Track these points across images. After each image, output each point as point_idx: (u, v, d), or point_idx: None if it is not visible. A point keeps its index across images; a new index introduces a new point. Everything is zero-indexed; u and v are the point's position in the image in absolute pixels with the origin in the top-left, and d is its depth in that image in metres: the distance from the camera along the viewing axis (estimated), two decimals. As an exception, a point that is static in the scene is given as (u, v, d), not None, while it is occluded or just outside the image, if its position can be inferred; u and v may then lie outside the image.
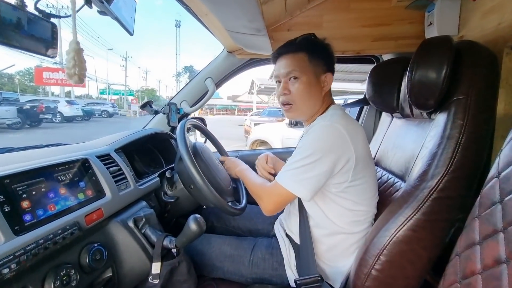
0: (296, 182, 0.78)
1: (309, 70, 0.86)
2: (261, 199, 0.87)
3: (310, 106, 0.89)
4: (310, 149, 0.78)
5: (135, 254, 0.75)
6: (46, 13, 0.50)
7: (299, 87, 0.86)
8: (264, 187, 0.88)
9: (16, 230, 0.51)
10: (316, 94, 0.88)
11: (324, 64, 0.88)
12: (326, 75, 0.88)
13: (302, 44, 0.88)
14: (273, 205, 0.84)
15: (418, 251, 0.74)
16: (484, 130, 0.73)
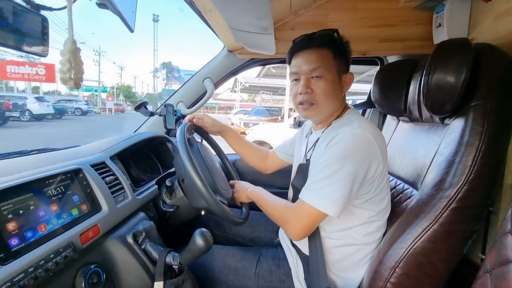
0: (330, 201, 0.71)
1: (334, 68, 0.80)
2: (287, 224, 0.78)
3: (331, 107, 0.84)
4: (343, 162, 0.71)
5: (135, 273, 0.68)
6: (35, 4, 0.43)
7: (324, 86, 0.80)
8: (289, 209, 0.79)
9: (1, 258, 0.44)
10: (338, 94, 0.83)
11: (345, 63, 0.84)
12: (347, 75, 0.84)
13: (326, 39, 0.81)
14: (303, 229, 0.76)
15: (435, 263, 0.71)
16: (504, 136, 0.71)
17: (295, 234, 0.77)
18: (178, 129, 0.89)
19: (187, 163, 0.77)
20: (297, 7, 1.15)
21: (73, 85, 0.47)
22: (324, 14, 1.16)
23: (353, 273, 0.84)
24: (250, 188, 0.97)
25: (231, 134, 1.15)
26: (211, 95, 1.32)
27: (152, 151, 1.20)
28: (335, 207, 0.71)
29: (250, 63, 1.34)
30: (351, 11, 1.15)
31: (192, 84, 1.33)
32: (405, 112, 1.03)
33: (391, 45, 1.18)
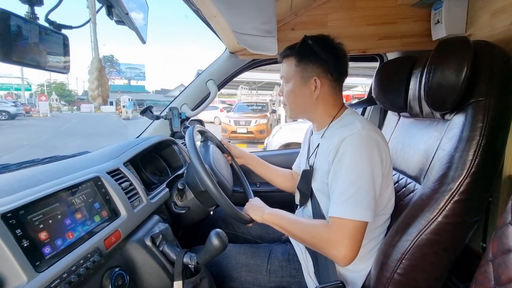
0: (364, 207, 0.70)
1: (296, 75, 0.88)
2: (332, 247, 0.71)
3: (301, 108, 0.91)
4: (360, 166, 0.73)
5: (155, 274, 0.71)
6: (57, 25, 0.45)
7: (287, 90, 0.90)
8: (328, 231, 0.73)
9: (37, 266, 0.46)
10: (305, 97, 0.88)
11: (316, 67, 0.85)
12: (315, 78, 0.85)
13: (291, 49, 0.89)
14: (354, 247, 0.70)
15: (439, 253, 0.75)
16: (502, 131, 0.74)
17: (348, 257, 0.70)
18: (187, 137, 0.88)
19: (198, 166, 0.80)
20: (298, 7, 1.16)
21: (101, 101, 0.50)
22: (324, 13, 1.18)
23: (360, 266, 0.87)
24: (267, 211, 0.90)
25: (254, 162, 1.24)
26: (214, 97, 1.34)
27: (160, 154, 1.22)
28: (370, 212, 0.71)
29: (252, 64, 1.36)
30: (350, 10, 1.17)
31: (195, 86, 1.35)
32: (405, 108, 1.05)
33: (391, 42, 1.20)
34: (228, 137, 8.18)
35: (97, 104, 0.50)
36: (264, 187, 1.50)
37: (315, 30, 1.21)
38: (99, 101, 0.50)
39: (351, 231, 0.70)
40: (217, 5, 0.72)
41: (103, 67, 0.49)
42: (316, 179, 0.89)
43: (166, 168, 1.19)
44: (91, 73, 0.48)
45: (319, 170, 0.88)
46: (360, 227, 0.71)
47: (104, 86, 0.49)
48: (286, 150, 1.79)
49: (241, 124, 8.43)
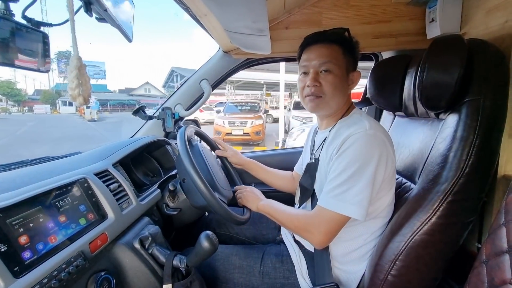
0: (354, 203, 0.71)
1: (343, 65, 0.83)
2: (309, 232, 0.78)
3: (338, 102, 0.86)
4: (360, 164, 0.72)
5: (144, 277, 0.70)
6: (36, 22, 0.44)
7: (332, 80, 0.82)
8: (308, 217, 0.79)
9: (16, 272, 0.45)
10: (344, 90, 0.85)
11: (353, 62, 0.86)
12: (354, 73, 0.86)
13: (337, 37, 0.84)
14: (326, 235, 0.75)
15: (434, 254, 0.74)
16: (497, 130, 0.73)
17: (318, 241, 0.76)
18: (178, 131, 0.91)
19: (187, 162, 0.79)
20: (291, 6, 1.15)
21: (82, 101, 0.48)
22: (318, 12, 1.17)
23: (355, 267, 0.86)
24: (263, 201, 0.96)
25: (253, 166, 1.23)
26: (208, 97, 1.32)
27: (152, 155, 1.21)
28: (360, 210, 0.71)
29: (246, 63, 1.35)
30: (344, 9, 1.15)
31: (189, 86, 1.33)
32: (400, 107, 1.04)
33: (386, 41, 1.19)
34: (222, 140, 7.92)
35: (78, 104, 0.49)
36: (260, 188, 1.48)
37: (309, 29, 1.19)
38: (80, 100, 0.48)
39: (330, 221, 0.74)
40: (207, 3, 0.71)
41: (83, 65, 0.47)
42: (318, 175, 0.87)
43: (159, 169, 1.18)
44: (70, 72, 0.46)
45: (323, 163, 0.86)
46: (341, 220, 0.74)
47: (85, 85, 0.47)
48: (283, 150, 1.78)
49: (236, 125, 7.88)
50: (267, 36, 0.95)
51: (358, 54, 0.88)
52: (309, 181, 0.91)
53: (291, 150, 1.67)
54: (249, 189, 1.05)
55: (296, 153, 1.56)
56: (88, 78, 0.48)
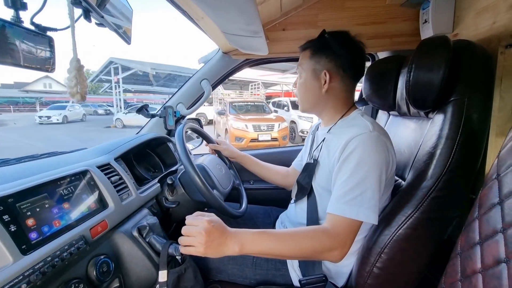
0: (369, 208, 0.70)
1: (308, 67, 0.88)
2: (332, 251, 0.69)
3: (310, 102, 0.91)
4: (368, 166, 0.72)
5: (141, 263, 0.75)
6: (42, 27, 0.49)
7: (299, 82, 0.91)
8: (327, 233, 0.70)
9: (24, 249, 0.51)
10: (313, 91, 0.88)
11: (328, 61, 0.84)
12: (325, 72, 0.84)
13: (308, 42, 0.90)
14: (349, 246, 0.71)
15: (418, 248, 0.76)
16: (481, 129, 0.75)
17: (342, 255, 0.71)
18: (177, 128, 0.96)
19: (184, 158, 0.84)
20: (288, 8, 1.19)
21: (79, 98, 0.54)
22: (314, 14, 1.20)
23: (347, 261, 0.88)
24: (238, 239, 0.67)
25: (247, 160, 1.26)
26: (208, 96, 1.37)
27: (154, 151, 1.27)
28: (374, 214, 0.71)
29: (245, 63, 1.39)
30: (339, 10, 1.18)
31: (190, 85, 1.38)
32: (394, 107, 1.06)
33: (381, 42, 1.21)
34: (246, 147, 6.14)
35: (75, 100, 0.54)
36: (258, 185, 1.52)
37: (306, 31, 1.24)
38: (78, 97, 0.54)
39: (353, 230, 0.72)
40: (202, 7, 0.75)
41: (82, 66, 0.53)
42: (319, 174, 0.88)
43: (160, 164, 1.23)
44: (70, 72, 0.52)
45: (323, 165, 0.87)
46: (358, 226, 0.72)
47: (83, 83, 0.53)
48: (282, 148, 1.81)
49: (262, 129, 6.44)
50: (262, 37, 0.99)
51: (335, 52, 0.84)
52: (306, 179, 0.93)
53: (289, 148, 1.71)
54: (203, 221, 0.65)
55: (294, 151, 1.59)
56: (85, 77, 0.54)
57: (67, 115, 15.44)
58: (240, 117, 7.06)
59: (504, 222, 0.51)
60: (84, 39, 26.53)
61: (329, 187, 0.81)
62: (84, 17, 0.51)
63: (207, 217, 0.67)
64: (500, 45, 0.79)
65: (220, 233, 0.65)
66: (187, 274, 0.79)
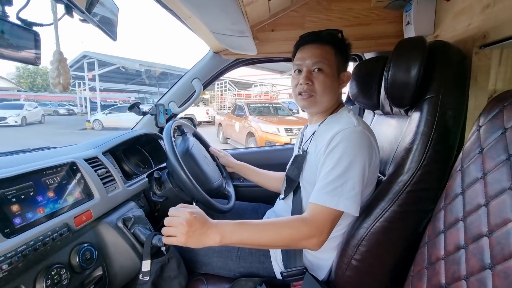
0: (350, 199, 0.72)
1: (334, 65, 0.87)
2: (311, 238, 0.71)
3: (328, 100, 0.89)
4: (351, 159, 0.74)
5: (125, 253, 0.77)
6: (28, 22, 0.52)
7: (323, 79, 0.85)
8: (306, 221, 0.72)
9: (7, 233, 0.53)
10: (335, 89, 0.89)
11: (345, 62, 0.90)
12: (345, 73, 0.90)
13: (330, 37, 0.88)
14: (327, 234, 0.73)
15: (394, 240, 0.79)
16: (454, 126, 0.78)
17: (320, 243, 0.73)
18: (165, 126, 0.99)
19: (170, 153, 0.87)
20: (276, 10, 1.22)
21: (61, 88, 0.57)
22: (302, 15, 1.24)
23: (328, 255, 0.90)
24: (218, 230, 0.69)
25: (244, 170, 1.28)
26: (199, 94, 1.40)
27: (145, 148, 1.29)
28: (356, 205, 0.73)
29: (235, 63, 1.42)
30: (326, 12, 1.22)
31: (182, 84, 1.41)
32: (378, 106, 1.10)
33: (366, 43, 1.24)
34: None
35: (58, 90, 0.57)
36: (248, 183, 1.54)
37: (294, 31, 1.27)
38: (60, 88, 0.57)
39: (331, 219, 0.73)
40: (187, 6, 0.78)
41: (64, 59, 0.56)
42: (306, 167, 0.91)
43: (150, 161, 1.26)
44: (52, 64, 0.55)
45: (310, 158, 0.90)
46: (337, 216, 0.74)
47: (65, 75, 0.56)
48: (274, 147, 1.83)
49: (294, 133, 5.78)
50: (249, 37, 1.02)
51: (349, 55, 0.92)
52: (295, 172, 0.94)
53: (282, 147, 1.73)
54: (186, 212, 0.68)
55: (287, 149, 1.62)
56: (68, 69, 0.57)
57: (26, 116, 12.82)
58: (268, 119, 6.51)
59: (465, 210, 0.54)
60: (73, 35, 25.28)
61: (315, 181, 0.83)
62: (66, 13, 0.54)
63: (190, 209, 0.70)
64: (475, 45, 0.82)
65: (201, 224, 0.68)
66: (171, 264, 0.81)
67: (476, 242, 0.49)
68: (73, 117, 19.47)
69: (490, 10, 0.78)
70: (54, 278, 0.58)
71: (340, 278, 0.83)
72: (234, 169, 1.29)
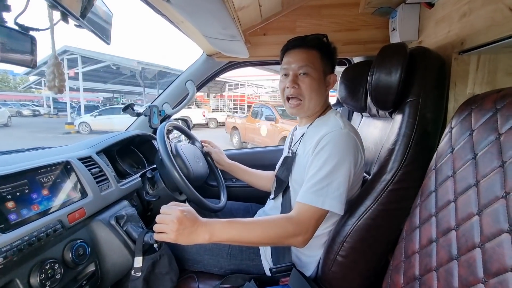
0: (335, 198, 0.76)
1: (320, 68, 0.90)
2: (296, 236, 0.74)
3: (316, 103, 0.92)
4: (337, 160, 0.77)
5: (117, 249, 0.79)
6: (25, 27, 0.55)
7: (309, 82, 0.88)
8: (291, 220, 0.76)
9: (2, 228, 0.55)
10: (321, 92, 0.92)
11: (331, 65, 0.94)
12: (331, 75, 0.93)
13: (315, 42, 0.91)
14: (312, 233, 0.77)
15: (376, 237, 0.82)
16: (434, 127, 0.82)
17: (305, 241, 0.76)
18: (159, 127, 1.02)
19: (163, 154, 0.90)
20: (268, 14, 1.26)
21: (57, 91, 0.59)
22: (293, 20, 1.28)
23: (315, 252, 0.94)
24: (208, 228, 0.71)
25: (235, 169, 1.30)
26: (192, 96, 1.43)
27: (139, 148, 1.32)
28: (340, 204, 0.76)
29: (228, 66, 1.45)
30: (316, 17, 1.26)
31: (175, 86, 1.44)
32: (366, 109, 1.14)
33: (355, 48, 1.29)
34: None
35: (53, 92, 0.60)
36: (240, 183, 1.57)
37: (285, 35, 1.30)
38: (55, 90, 0.60)
39: (316, 218, 0.76)
40: (179, 12, 0.82)
41: (60, 63, 0.59)
42: (295, 168, 0.94)
43: (144, 161, 1.28)
44: (48, 67, 0.58)
45: (299, 159, 0.93)
46: (322, 215, 0.77)
47: (60, 77, 0.59)
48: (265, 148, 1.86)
49: None
50: (241, 41, 1.06)
51: (335, 58, 0.95)
52: (285, 173, 0.97)
53: (272, 148, 1.76)
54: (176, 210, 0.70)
55: (277, 151, 1.65)
56: (62, 72, 0.60)
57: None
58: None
59: (437, 206, 0.57)
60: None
61: (303, 181, 0.86)
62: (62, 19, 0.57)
63: (181, 207, 0.72)
64: (454, 51, 0.86)
65: (191, 222, 0.70)
66: (162, 260, 0.84)
67: (446, 235, 0.52)
68: (39, 119, 17.29)
69: (467, 19, 0.83)
70: (48, 272, 0.60)
71: (326, 274, 0.87)
72: (225, 168, 1.31)
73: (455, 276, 0.47)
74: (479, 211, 0.46)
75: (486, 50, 0.77)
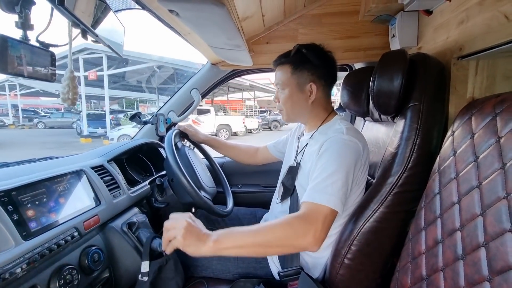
0: (338, 197, 0.77)
1: (292, 82, 0.94)
2: (305, 236, 0.72)
3: (297, 113, 0.98)
4: (338, 163, 0.81)
5: (130, 255, 0.81)
6: (46, 44, 0.58)
7: (284, 96, 0.96)
8: (299, 219, 0.75)
9: (24, 236, 0.58)
10: (300, 102, 0.95)
11: (311, 74, 0.93)
12: (311, 84, 0.93)
13: (285, 58, 0.95)
14: (324, 231, 0.74)
15: (382, 239, 0.84)
16: (436, 131, 0.84)
17: (317, 241, 0.72)
18: (166, 134, 1.05)
19: (172, 162, 0.92)
20: (270, 24, 1.30)
21: (70, 103, 0.63)
22: (294, 29, 1.31)
23: (323, 253, 0.95)
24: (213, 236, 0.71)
25: (215, 143, 1.33)
26: (197, 104, 1.46)
27: (146, 156, 1.34)
28: (341, 204, 0.78)
29: (232, 74, 1.49)
30: (317, 26, 1.30)
31: (181, 95, 1.48)
32: (368, 114, 1.16)
33: (355, 54, 1.32)
34: None
35: (66, 105, 0.63)
36: (246, 188, 1.59)
37: (288, 44, 1.35)
38: (69, 102, 0.63)
39: (324, 216, 0.75)
40: (188, 25, 0.85)
41: (75, 77, 0.63)
42: (300, 175, 0.97)
43: (151, 168, 1.31)
44: (63, 81, 0.61)
45: (304, 167, 0.96)
46: (331, 214, 0.76)
47: (74, 90, 0.62)
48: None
49: None
50: (245, 50, 1.09)
51: (314, 65, 0.92)
52: (290, 181, 1.00)
53: None
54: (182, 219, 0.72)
55: None
56: (76, 85, 0.63)
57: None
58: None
59: (442, 208, 0.60)
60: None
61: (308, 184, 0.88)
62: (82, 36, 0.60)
63: (188, 217, 0.74)
64: (453, 57, 0.89)
65: (197, 231, 0.71)
66: (168, 265, 0.86)
67: (451, 236, 0.54)
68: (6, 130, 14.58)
69: (465, 26, 0.85)
70: (66, 278, 0.62)
71: (334, 276, 0.88)
72: (205, 142, 1.33)
73: (461, 275, 0.49)
74: (482, 211, 0.48)
75: (484, 55, 0.80)
